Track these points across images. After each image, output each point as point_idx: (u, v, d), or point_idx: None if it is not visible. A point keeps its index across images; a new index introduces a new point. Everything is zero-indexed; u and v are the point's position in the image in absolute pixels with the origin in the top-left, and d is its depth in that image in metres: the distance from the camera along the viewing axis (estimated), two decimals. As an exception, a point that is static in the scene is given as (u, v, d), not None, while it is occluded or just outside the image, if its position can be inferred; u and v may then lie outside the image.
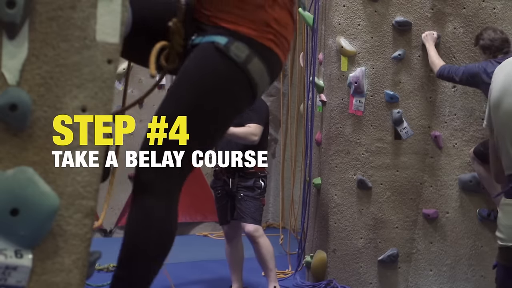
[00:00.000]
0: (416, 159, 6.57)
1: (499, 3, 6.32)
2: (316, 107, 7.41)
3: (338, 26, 6.79)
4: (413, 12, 6.51)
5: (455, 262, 6.51)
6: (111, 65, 2.18)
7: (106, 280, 7.01)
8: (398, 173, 6.61)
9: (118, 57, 2.21)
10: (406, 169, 6.60)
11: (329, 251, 6.91)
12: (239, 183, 6.39)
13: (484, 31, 6.01)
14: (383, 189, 6.62)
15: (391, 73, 6.61)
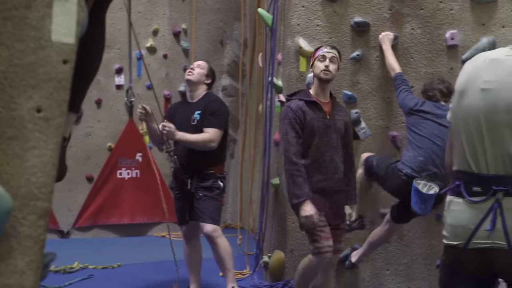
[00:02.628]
0: None
1: (456, 4, 6.40)
2: (274, 108, 7.41)
3: (297, 26, 6.79)
4: (372, 13, 6.55)
5: (412, 261, 6.55)
6: (67, 66, 2.16)
7: (62, 281, 7.01)
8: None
9: (73, 57, 2.18)
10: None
11: (287, 251, 6.90)
12: (198, 184, 6.37)
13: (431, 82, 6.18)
14: (341, 189, 6.61)
15: (349, 74, 6.64)
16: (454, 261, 3.19)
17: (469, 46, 6.36)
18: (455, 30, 6.41)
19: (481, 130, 3.10)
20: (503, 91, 3.06)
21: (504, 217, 2.97)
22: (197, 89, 6.57)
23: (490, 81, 3.11)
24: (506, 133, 3.02)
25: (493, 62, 3.17)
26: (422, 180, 5.77)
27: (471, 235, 3.07)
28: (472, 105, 3.16)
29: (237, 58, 11.12)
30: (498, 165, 3.04)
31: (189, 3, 10.92)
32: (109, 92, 10.49)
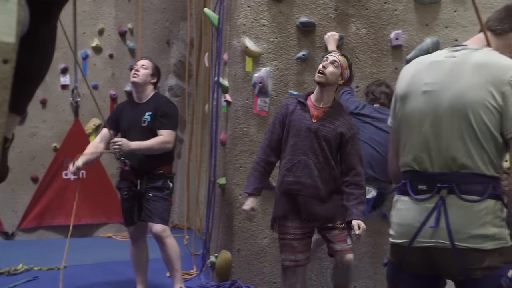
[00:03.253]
0: None
1: (400, 5, 6.43)
2: (221, 107, 7.39)
3: (243, 26, 6.77)
4: (317, 13, 6.55)
5: (358, 260, 6.54)
6: (7, 65, 2.08)
7: (6, 283, 6.87)
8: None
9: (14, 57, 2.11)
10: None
11: (234, 251, 6.89)
12: (147, 184, 6.34)
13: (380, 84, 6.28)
14: (287, 188, 6.59)
15: (296, 74, 6.63)
16: (400, 260, 3.20)
17: (413, 46, 6.40)
18: (400, 30, 6.44)
19: (426, 131, 3.13)
20: (445, 92, 3.08)
21: (448, 215, 2.99)
22: (144, 90, 6.52)
23: (432, 83, 3.15)
24: (449, 132, 3.04)
25: (433, 64, 3.21)
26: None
27: (415, 233, 3.08)
28: (415, 107, 3.18)
29: (184, 58, 11.06)
30: (443, 163, 3.06)
31: (135, 3, 10.83)
32: (55, 92, 10.35)
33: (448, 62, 3.15)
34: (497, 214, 2.98)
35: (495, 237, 2.96)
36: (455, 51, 3.19)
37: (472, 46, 3.18)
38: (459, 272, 3.00)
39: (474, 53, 3.11)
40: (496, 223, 2.97)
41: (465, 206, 2.98)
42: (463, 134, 3.01)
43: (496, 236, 2.96)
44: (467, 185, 3.00)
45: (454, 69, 3.11)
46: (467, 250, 2.95)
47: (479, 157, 2.99)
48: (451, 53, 3.19)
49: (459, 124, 3.02)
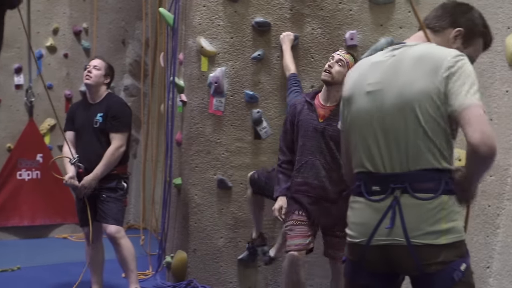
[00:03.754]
0: (275, 158, 6.41)
1: (355, 5, 6.43)
2: (176, 107, 7.36)
3: (198, 26, 6.72)
4: (273, 13, 6.52)
5: (314, 258, 6.52)
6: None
7: None
8: (259, 173, 6.58)
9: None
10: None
11: (190, 251, 6.86)
12: (101, 185, 6.28)
13: None
14: (243, 188, 6.59)
15: (251, 73, 6.61)
16: (358, 258, 3.20)
17: (368, 46, 6.38)
18: (354, 30, 6.42)
19: (373, 131, 3.14)
20: (388, 90, 3.10)
21: (403, 214, 3.00)
22: (97, 91, 6.48)
23: (374, 83, 3.16)
24: (397, 130, 3.06)
25: (375, 64, 3.23)
26: None
27: (372, 232, 3.09)
28: (360, 109, 3.20)
29: (139, 58, 10.98)
30: (394, 163, 3.06)
31: (90, 2, 10.73)
32: (8, 92, 10.23)
33: (389, 61, 3.17)
34: (451, 209, 3.00)
35: (449, 232, 2.97)
36: (394, 50, 3.21)
37: (411, 43, 3.21)
38: (414, 268, 3.01)
39: (413, 48, 3.14)
40: (451, 218, 2.98)
41: (419, 204, 2.99)
42: (411, 130, 3.02)
43: (450, 230, 2.97)
44: (420, 183, 3.01)
45: (395, 66, 3.13)
46: (422, 246, 2.96)
47: (429, 152, 3.00)
48: (391, 52, 3.21)
49: (405, 120, 3.03)
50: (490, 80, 6.03)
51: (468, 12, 3.30)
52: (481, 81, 5.97)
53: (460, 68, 2.97)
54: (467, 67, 2.99)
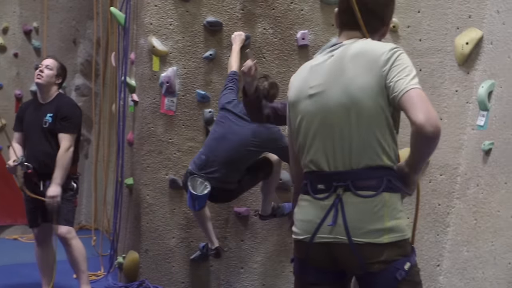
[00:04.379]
0: None
1: (307, 5, 6.42)
2: (128, 107, 7.30)
3: (149, 25, 6.66)
4: (224, 12, 6.49)
5: (266, 258, 6.59)
6: None
7: None
8: (210, 173, 6.55)
9: None
10: (218, 169, 6.55)
11: (142, 251, 6.82)
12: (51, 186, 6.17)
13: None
14: (195, 188, 6.54)
15: (203, 73, 6.58)
16: (304, 255, 3.21)
17: (319, 46, 6.31)
18: (306, 30, 6.42)
19: (318, 132, 3.16)
20: (330, 90, 3.11)
21: (345, 212, 3.02)
22: (48, 91, 6.40)
23: (316, 85, 3.18)
24: (341, 129, 3.07)
25: (315, 67, 3.25)
26: (199, 178, 5.86)
27: (315, 229, 3.11)
28: (305, 112, 3.22)
29: (90, 58, 10.87)
30: (338, 161, 3.08)
31: (40, 1, 10.55)
32: (-44, 92, 10.05)
33: (328, 62, 3.19)
34: (393, 206, 3.01)
35: (392, 230, 2.98)
36: (333, 50, 3.22)
37: (348, 42, 3.21)
38: (357, 266, 3.02)
39: (351, 45, 3.15)
40: (393, 216, 2.99)
41: (361, 202, 3.00)
42: (355, 128, 3.04)
43: (393, 229, 2.98)
44: (362, 181, 3.02)
45: (334, 66, 3.14)
46: (364, 245, 2.97)
47: (373, 149, 3.02)
48: (330, 53, 3.22)
49: (350, 118, 3.04)
50: (440, 80, 6.10)
51: (390, 6, 3.33)
52: (431, 81, 6.06)
53: (397, 58, 3.00)
54: (404, 57, 3.02)
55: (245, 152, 5.91)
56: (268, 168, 6.15)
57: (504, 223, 5.40)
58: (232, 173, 5.95)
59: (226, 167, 5.89)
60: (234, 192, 6.14)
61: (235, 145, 5.85)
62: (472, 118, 5.93)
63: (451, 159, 6.00)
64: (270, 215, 6.37)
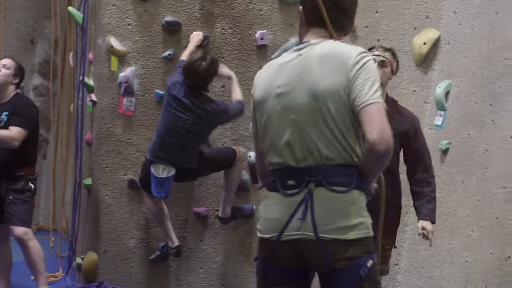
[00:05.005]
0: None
1: (265, 5, 6.41)
2: (86, 107, 7.23)
3: (108, 25, 6.61)
4: (183, 12, 6.45)
5: (225, 258, 6.58)
6: None
7: None
8: (169, 173, 6.51)
9: None
10: (177, 169, 6.52)
11: (100, 252, 6.77)
12: (8, 186, 6.13)
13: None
14: (154, 188, 6.49)
15: (161, 73, 6.53)
16: (269, 254, 3.18)
17: (278, 46, 6.40)
18: (265, 30, 6.41)
19: (286, 130, 3.14)
20: (297, 89, 3.10)
21: (314, 208, 3.00)
22: (5, 90, 6.28)
23: (284, 84, 3.16)
24: (309, 127, 3.06)
25: (282, 66, 3.23)
26: (161, 164, 5.87)
27: (283, 227, 3.08)
28: (272, 110, 3.19)
29: (48, 57, 10.72)
30: (308, 157, 3.06)
31: (-4, 1, 10.41)
32: None
33: (296, 61, 3.17)
34: (360, 204, 3.02)
35: (358, 227, 2.98)
36: (300, 49, 3.20)
37: (315, 41, 3.19)
38: (323, 263, 3.01)
39: (319, 45, 3.13)
40: (359, 213, 3.01)
41: (332, 198, 3.00)
42: (322, 127, 3.03)
43: (358, 226, 2.99)
44: (334, 177, 3.02)
45: (301, 66, 3.13)
46: (330, 241, 2.96)
47: (341, 147, 3.01)
48: (297, 52, 3.20)
49: (316, 118, 3.04)
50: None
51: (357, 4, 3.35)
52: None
53: (364, 65, 2.99)
54: (371, 65, 3.02)
55: (195, 136, 5.92)
56: (230, 154, 6.18)
57: (461, 222, 5.43)
58: (189, 155, 5.97)
59: (181, 151, 5.89)
60: (199, 169, 6.12)
61: (183, 132, 5.84)
62: (430, 117, 5.96)
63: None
64: (229, 218, 6.35)
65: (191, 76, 5.81)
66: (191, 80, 5.83)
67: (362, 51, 3.05)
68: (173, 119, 5.85)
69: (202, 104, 5.83)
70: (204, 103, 5.84)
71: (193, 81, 5.83)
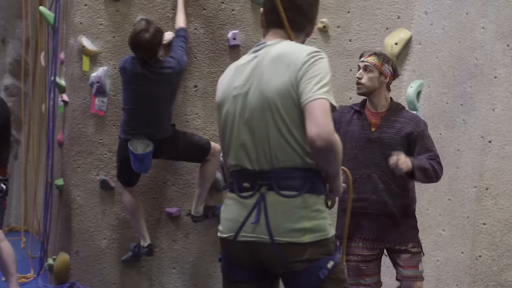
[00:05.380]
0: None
1: (238, 5, 6.41)
2: (57, 107, 7.17)
3: (79, 25, 6.56)
4: (155, 12, 6.41)
5: (197, 259, 6.55)
6: None
7: None
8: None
9: None
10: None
11: (72, 252, 6.72)
12: (-21, 188, 6.06)
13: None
14: (126, 189, 6.46)
15: (133, 73, 6.44)
16: (229, 253, 3.21)
17: (251, 46, 6.17)
18: (237, 30, 6.40)
19: (241, 132, 3.14)
20: (252, 91, 3.11)
21: (267, 211, 3.02)
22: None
23: (240, 85, 3.17)
24: (262, 129, 3.07)
25: (239, 68, 3.24)
26: (138, 139, 5.89)
27: (239, 228, 3.10)
28: (229, 112, 3.20)
29: (20, 57, 10.67)
30: (262, 161, 3.08)
31: (-34, 0, 10.31)
32: None
33: (252, 63, 3.18)
34: (315, 207, 3.02)
35: (313, 230, 2.99)
36: (257, 51, 3.21)
37: (272, 42, 3.20)
38: (280, 265, 3.04)
39: (274, 47, 3.14)
40: (314, 217, 3.01)
41: (283, 202, 3.01)
42: (274, 129, 3.03)
43: (314, 229, 2.99)
44: (285, 180, 3.03)
45: (257, 67, 3.13)
46: (285, 244, 2.98)
47: (293, 150, 3.02)
48: (254, 54, 3.21)
49: (268, 120, 3.04)
50: None
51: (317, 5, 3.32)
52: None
53: (313, 63, 3.00)
54: (321, 62, 3.02)
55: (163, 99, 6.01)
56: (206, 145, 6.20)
57: (433, 221, 5.45)
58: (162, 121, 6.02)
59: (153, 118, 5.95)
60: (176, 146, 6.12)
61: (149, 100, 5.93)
62: (401, 117, 5.96)
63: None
64: (202, 216, 6.33)
65: (136, 48, 5.84)
66: (138, 52, 5.86)
67: (314, 51, 3.05)
68: (136, 93, 5.92)
69: (157, 70, 5.89)
70: (158, 68, 5.90)
71: (140, 53, 5.86)
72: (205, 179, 6.21)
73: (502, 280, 4.96)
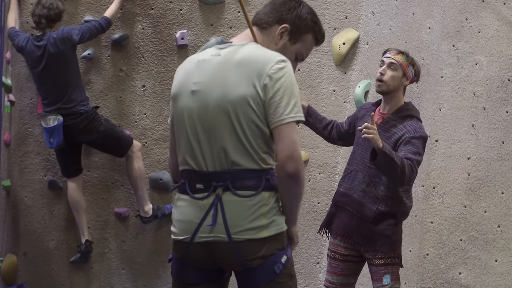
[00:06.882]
0: (107, 158, 6.40)
1: (186, 5, 6.36)
2: (4, 107, 6.97)
3: (26, 24, 6.42)
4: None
5: (147, 259, 6.50)
6: None
7: None
8: (90, 173, 6.41)
9: None
10: (98, 169, 6.43)
11: (20, 254, 6.58)
12: None
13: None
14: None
15: (81, 73, 6.30)
16: (183, 255, 3.14)
17: (199, 46, 6.36)
18: (185, 30, 6.36)
19: (196, 130, 3.07)
20: (211, 91, 3.03)
21: (224, 212, 2.98)
22: None
23: (199, 82, 3.09)
24: (219, 131, 3.01)
25: (200, 63, 3.15)
26: (50, 115, 5.94)
27: (196, 229, 3.04)
28: (184, 107, 3.12)
29: (-34, 56, 10.36)
30: (216, 162, 3.02)
31: None
32: None
33: (214, 61, 3.10)
34: (272, 205, 3.01)
35: (270, 225, 2.99)
36: (221, 49, 3.13)
37: (238, 43, 3.14)
38: (237, 263, 3.01)
39: (239, 49, 3.07)
40: (272, 213, 3.00)
41: (240, 202, 2.97)
42: (230, 132, 2.98)
43: (271, 224, 2.99)
44: (241, 181, 2.99)
45: (219, 67, 3.06)
46: (243, 242, 2.96)
47: (248, 154, 2.97)
48: (217, 51, 3.12)
49: (225, 122, 2.99)
50: (318, 79, 6.19)
51: (296, 8, 3.21)
52: (309, 80, 6.11)
53: (281, 77, 2.94)
54: (288, 77, 2.97)
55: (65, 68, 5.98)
56: (127, 137, 6.18)
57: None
58: (71, 91, 5.98)
59: (61, 88, 5.95)
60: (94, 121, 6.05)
61: (53, 72, 5.94)
62: (350, 117, 6.00)
63: (330, 157, 6.21)
64: (151, 217, 6.26)
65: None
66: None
67: (281, 60, 2.98)
68: (41, 71, 5.96)
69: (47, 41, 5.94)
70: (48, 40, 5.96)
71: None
72: (135, 178, 6.16)
73: (449, 277, 5.03)
